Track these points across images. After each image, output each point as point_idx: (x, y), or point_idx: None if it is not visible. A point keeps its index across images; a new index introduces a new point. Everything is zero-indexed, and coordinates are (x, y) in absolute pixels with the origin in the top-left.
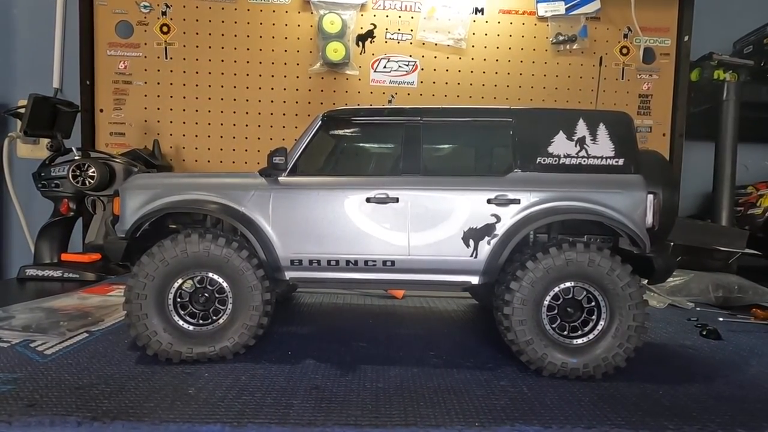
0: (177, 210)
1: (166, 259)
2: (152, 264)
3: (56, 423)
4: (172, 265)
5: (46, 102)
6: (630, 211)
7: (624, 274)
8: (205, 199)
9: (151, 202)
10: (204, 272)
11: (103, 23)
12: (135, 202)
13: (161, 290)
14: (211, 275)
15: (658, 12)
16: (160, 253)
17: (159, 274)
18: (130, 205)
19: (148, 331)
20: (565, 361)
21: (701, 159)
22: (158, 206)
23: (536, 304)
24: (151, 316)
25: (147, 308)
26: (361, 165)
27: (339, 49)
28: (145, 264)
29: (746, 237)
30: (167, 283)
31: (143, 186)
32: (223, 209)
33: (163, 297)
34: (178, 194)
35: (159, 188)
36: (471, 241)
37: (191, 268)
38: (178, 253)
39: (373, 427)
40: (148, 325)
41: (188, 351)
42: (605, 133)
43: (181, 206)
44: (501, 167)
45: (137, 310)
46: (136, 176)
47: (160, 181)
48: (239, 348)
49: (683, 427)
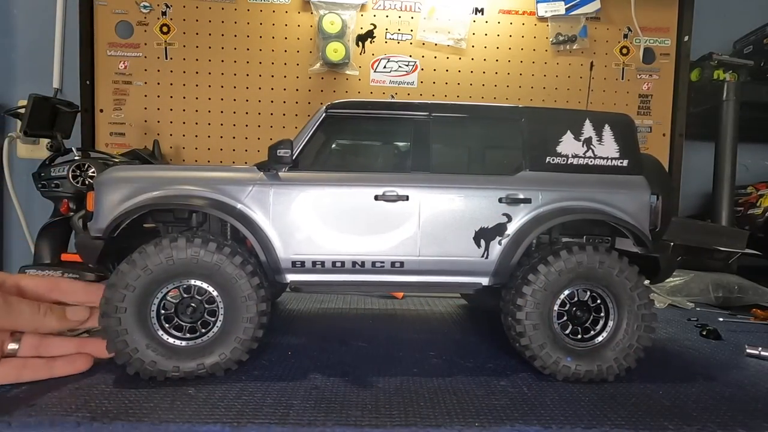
0: (164, 206)
1: (149, 267)
2: (133, 273)
3: (56, 423)
4: (155, 274)
5: (46, 102)
6: (636, 211)
7: (632, 275)
8: (196, 195)
9: (133, 198)
10: (191, 281)
11: (103, 23)
12: (113, 198)
13: (143, 302)
14: (200, 284)
15: (658, 12)
16: (141, 260)
17: (141, 284)
18: (108, 200)
19: (128, 348)
20: (579, 364)
21: (701, 159)
22: (142, 202)
23: (548, 308)
24: (131, 332)
25: (127, 322)
26: (367, 161)
27: (339, 49)
28: (125, 273)
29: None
30: (150, 293)
31: (123, 179)
32: (218, 205)
33: (146, 309)
34: (164, 188)
35: (142, 182)
36: (482, 241)
37: (177, 277)
38: (162, 260)
39: (373, 427)
40: (128, 341)
41: (174, 369)
42: (610, 134)
43: (170, 202)
44: (510, 166)
45: (116, 324)
46: (114, 168)
47: (144, 174)
48: (231, 364)
49: (683, 427)
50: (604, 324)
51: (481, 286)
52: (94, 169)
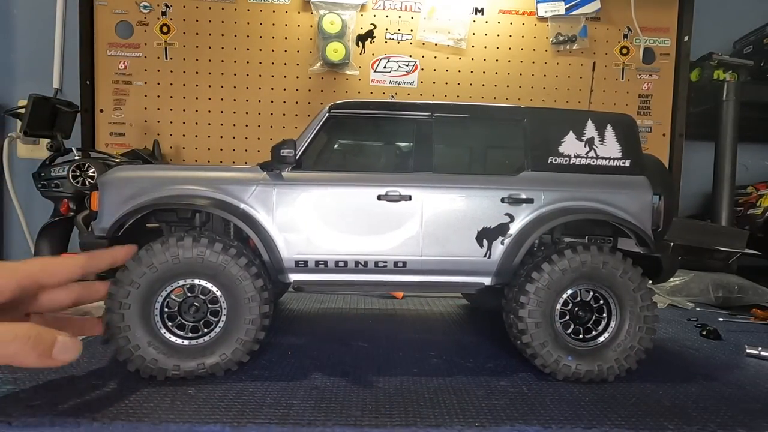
0: (169, 206)
1: (155, 265)
2: (138, 270)
3: (56, 423)
4: (160, 272)
5: (46, 102)
6: (638, 212)
7: (635, 276)
8: (199, 195)
9: (137, 197)
10: (196, 280)
11: (103, 23)
12: (117, 197)
13: (147, 299)
14: (204, 283)
15: (658, 12)
16: (148, 257)
17: (145, 282)
18: (112, 200)
19: (130, 344)
20: (580, 364)
21: (701, 159)
22: (146, 202)
23: (550, 307)
24: (134, 328)
25: (130, 319)
26: (370, 161)
27: (339, 49)
28: (131, 269)
29: (746, 237)
30: (154, 291)
31: (127, 179)
32: (221, 205)
33: (149, 307)
34: (169, 188)
35: (146, 181)
36: (485, 241)
37: (182, 276)
38: (168, 258)
39: (373, 427)
40: (130, 338)
41: (174, 368)
42: (612, 135)
43: (173, 202)
44: (512, 166)
45: (119, 320)
46: (118, 168)
47: (147, 174)
48: (231, 365)
49: (683, 427)
50: (606, 324)
51: (484, 285)
52: (94, 169)
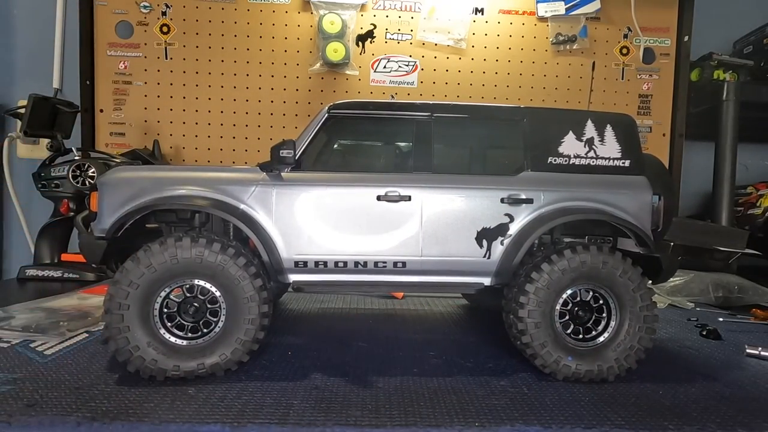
0: (169, 207)
1: (153, 265)
2: (137, 270)
3: (56, 423)
4: (159, 272)
5: (46, 102)
6: (638, 212)
7: (635, 276)
8: (199, 195)
9: (137, 198)
10: (195, 280)
11: (103, 23)
12: (117, 198)
13: (146, 300)
14: (203, 284)
15: (658, 12)
16: (146, 258)
17: (144, 282)
18: (112, 200)
19: (129, 345)
20: (580, 364)
21: (701, 159)
22: (146, 202)
23: (550, 307)
24: (133, 329)
25: (129, 319)
26: (369, 161)
27: (339, 49)
28: (129, 270)
29: (746, 237)
30: (153, 292)
31: (127, 180)
32: (220, 206)
33: (148, 308)
34: (168, 189)
35: (145, 182)
36: (484, 242)
37: (181, 276)
38: (167, 258)
39: (373, 427)
40: (129, 338)
41: (174, 368)
42: (612, 135)
43: (173, 203)
44: (512, 166)
45: (118, 321)
46: (117, 168)
47: (147, 174)
48: (231, 365)
49: (683, 427)
50: (606, 324)
51: (483, 286)
52: (94, 169)
